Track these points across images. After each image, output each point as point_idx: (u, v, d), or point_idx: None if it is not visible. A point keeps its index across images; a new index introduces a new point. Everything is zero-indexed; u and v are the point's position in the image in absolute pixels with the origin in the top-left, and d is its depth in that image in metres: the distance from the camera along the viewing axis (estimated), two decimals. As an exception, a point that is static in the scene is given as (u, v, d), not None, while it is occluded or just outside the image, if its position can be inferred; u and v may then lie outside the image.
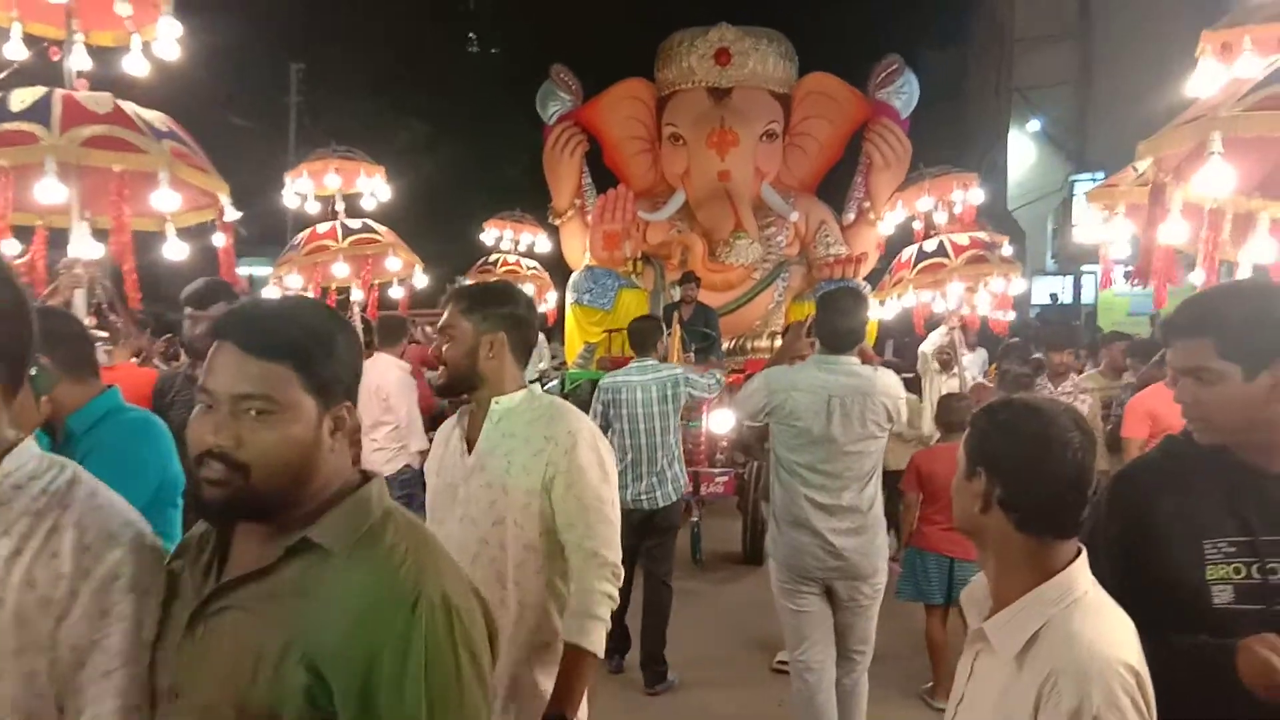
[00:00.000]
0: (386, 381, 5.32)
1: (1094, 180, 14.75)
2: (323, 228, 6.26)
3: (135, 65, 4.06)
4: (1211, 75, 3.37)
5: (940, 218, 7.36)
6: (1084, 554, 1.54)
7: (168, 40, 4.07)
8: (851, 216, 10.52)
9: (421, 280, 6.95)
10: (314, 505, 1.29)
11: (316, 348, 1.28)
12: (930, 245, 6.90)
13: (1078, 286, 20.32)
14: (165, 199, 3.72)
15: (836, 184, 10.94)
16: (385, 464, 5.24)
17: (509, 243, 11.05)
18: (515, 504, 2.21)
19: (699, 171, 10.20)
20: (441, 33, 23.10)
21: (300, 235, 6.42)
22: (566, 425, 2.26)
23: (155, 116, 3.85)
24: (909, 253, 6.99)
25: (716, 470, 6.89)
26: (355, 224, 6.29)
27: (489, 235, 11.02)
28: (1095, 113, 21.14)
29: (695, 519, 6.92)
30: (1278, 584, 1.65)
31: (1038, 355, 7.49)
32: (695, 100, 10.42)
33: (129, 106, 3.76)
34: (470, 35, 25.29)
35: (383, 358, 5.43)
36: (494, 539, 2.22)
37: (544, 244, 11.36)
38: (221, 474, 1.23)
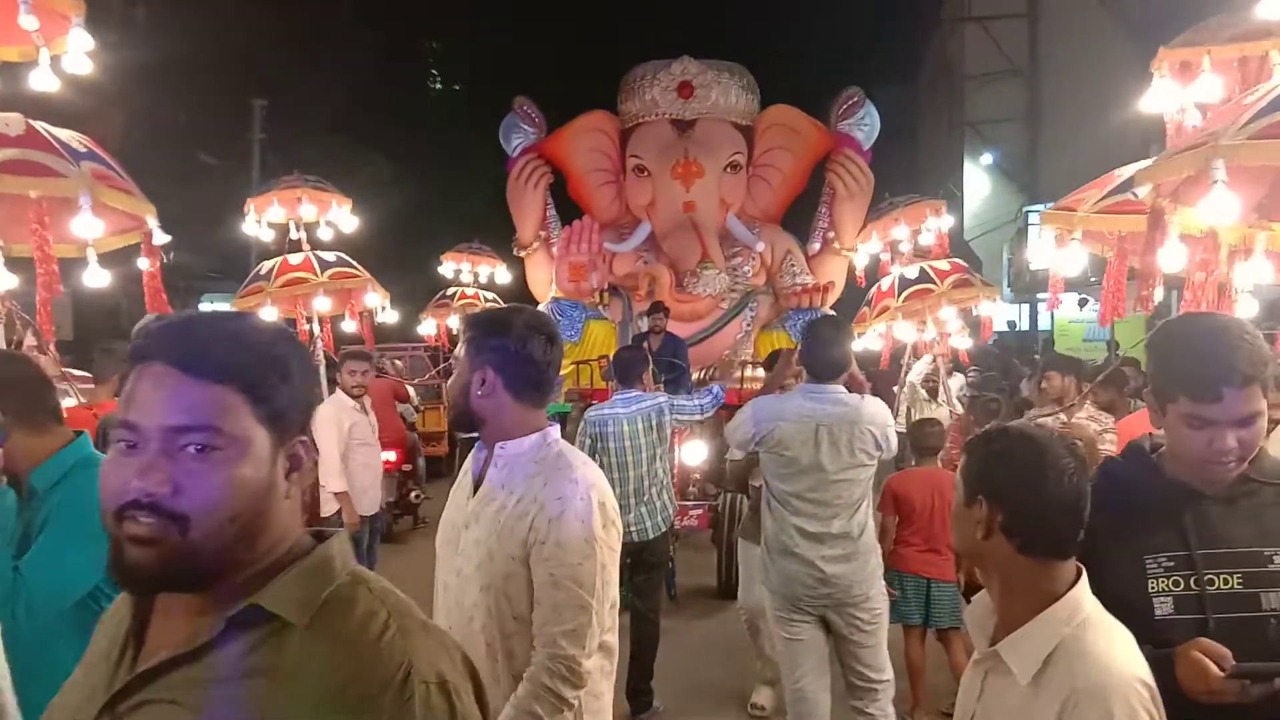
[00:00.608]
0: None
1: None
2: (295, 259, 6.13)
3: (44, 80, 3.82)
4: (1168, 93, 3.44)
5: (904, 247, 7.47)
6: (1085, 575, 1.58)
7: (78, 54, 3.81)
8: (816, 246, 10.63)
9: (391, 316, 6.88)
10: (260, 568, 1.05)
11: (268, 368, 1.05)
12: (912, 272, 6.94)
13: (1034, 313, 20.76)
14: (87, 225, 3.48)
15: (801, 214, 11.06)
16: None
17: (468, 275, 11.04)
18: (499, 571, 2.00)
19: (664, 203, 10.27)
20: (405, 68, 23.16)
21: (267, 265, 6.27)
22: (559, 489, 1.99)
23: (71, 136, 3.64)
24: (889, 281, 7.04)
25: (690, 503, 6.85)
26: (330, 257, 6.19)
27: (447, 268, 11.00)
28: (1045, 145, 21.77)
29: (670, 553, 6.85)
30: (1214, 595, 1.73)
31: (1004, 383, 7.58)
32: (659, 132, 10.50)
33: (42, 126, 3.55)
34: (433, 72, 25.35)
35: None
36: (483, 604, 2.01)
37: (504, 275, 11.36)
38: (151, 529, 0.98)
